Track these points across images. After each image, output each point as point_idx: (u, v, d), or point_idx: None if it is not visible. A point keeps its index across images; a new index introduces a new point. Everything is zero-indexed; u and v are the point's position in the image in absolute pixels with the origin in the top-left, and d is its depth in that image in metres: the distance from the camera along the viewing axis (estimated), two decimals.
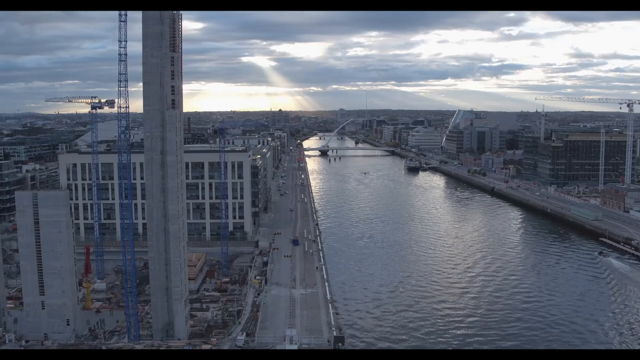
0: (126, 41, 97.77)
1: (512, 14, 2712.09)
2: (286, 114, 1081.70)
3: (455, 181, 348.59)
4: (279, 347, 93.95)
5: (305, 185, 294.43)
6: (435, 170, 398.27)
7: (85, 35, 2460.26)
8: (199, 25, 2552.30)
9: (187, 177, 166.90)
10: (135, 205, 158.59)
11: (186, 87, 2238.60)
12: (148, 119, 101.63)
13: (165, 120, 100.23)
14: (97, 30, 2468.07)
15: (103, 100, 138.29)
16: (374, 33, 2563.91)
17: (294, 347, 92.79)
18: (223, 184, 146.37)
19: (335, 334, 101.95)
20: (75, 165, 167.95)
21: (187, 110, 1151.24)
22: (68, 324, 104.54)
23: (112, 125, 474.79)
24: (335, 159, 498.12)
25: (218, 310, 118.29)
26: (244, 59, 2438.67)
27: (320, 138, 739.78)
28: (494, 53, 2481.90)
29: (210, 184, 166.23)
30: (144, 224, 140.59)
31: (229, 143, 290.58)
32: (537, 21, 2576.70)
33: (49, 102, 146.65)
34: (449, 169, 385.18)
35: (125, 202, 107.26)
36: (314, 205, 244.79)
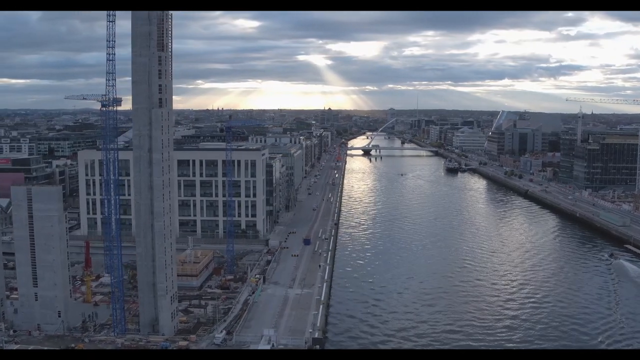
0: (114, 40, 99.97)
1: (570, 14, 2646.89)
2: (336, 113, 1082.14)
3: (492, 183, 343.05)
4: (254, 347, 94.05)
5: (336, 185, 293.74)
6: (474, 171, 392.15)
7: None
8: (255, 23, 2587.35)
9: (201, 175, 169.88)
10: None
11: (242, 85, 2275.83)
12: (137, 117, 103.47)
13: (151, 119, 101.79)
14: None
15: (112, 99, 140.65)
16: (430, 32, 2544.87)
17: (267, 347, 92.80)
18: (229, 182, 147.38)
19: (317, 335, 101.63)
20: (93, 161, 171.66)
21: (242, 108, 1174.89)
22: (59, 316, 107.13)
23: None
24: (376, 159, 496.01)
25: (213, 307, 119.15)
26: (300, 58, 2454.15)
27: (367, 137, 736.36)
28: (551, 53, 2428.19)
29: (224, 182, 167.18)
30: None
31: (260, 142, 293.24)
32: (596, 21, 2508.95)
33: (67, 99, 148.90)
34: (486, 171, 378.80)
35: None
36: (339, 204, 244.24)
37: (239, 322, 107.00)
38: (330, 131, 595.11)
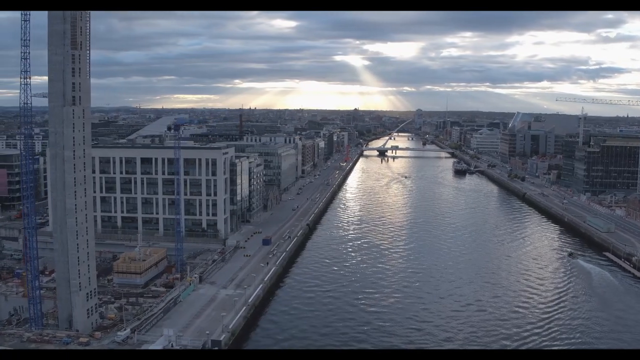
0: (29, 39, 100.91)
1: (610, 14, 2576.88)
2: (365, 113, 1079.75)
3: (495, 185, 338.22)
4: (147, 346, 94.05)
5: (330, 185, 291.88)
6: (482, 173, 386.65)
7: (181, 32, 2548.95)
8: (292, 23, 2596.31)
9: (163, 173, 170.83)
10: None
11: (280, 85, 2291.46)
12: (52, 115, 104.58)
13: (63, 117, 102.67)
14: (193, 27, 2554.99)
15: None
16: (468, 33, 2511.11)
17: (159, 347, 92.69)
18: (178, 180, 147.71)
19: (222, 337, 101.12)
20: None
21: (279, 108, 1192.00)
22: None
23: (165, 120, 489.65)
24: (388, 160, 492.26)
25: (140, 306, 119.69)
26: (337, 58, 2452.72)
27: (390, 138, 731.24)
28: (591, 55, 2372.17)
29: (186, 180, 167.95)
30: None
31: (254, 141, 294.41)
32: (636, 23, 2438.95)
33: (35, 97, 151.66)
34: (493, 173, 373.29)
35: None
36: (324, 205, 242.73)
37: (154, 321, 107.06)
38: (348, 131, 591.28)
